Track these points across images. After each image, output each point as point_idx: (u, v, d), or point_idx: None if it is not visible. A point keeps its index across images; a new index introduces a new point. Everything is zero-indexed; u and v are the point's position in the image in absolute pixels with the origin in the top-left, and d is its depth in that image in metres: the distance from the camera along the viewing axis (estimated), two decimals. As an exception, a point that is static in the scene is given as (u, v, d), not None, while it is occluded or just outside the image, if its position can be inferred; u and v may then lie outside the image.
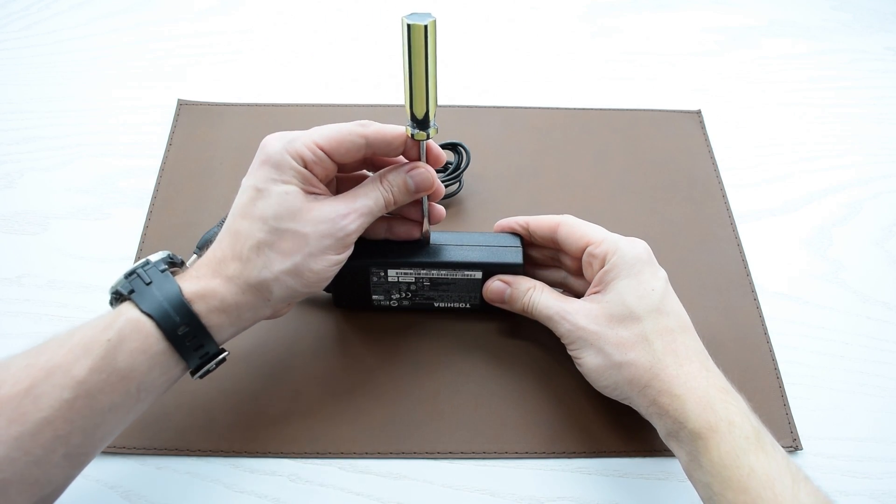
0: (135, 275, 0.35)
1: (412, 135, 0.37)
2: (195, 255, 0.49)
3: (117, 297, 0.36)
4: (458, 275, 0.44)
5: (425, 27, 0.32)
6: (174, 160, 0.56)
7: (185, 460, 0.42)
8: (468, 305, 0.47)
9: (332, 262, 0.38)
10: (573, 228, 0.43)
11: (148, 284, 0.35)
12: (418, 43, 0.32)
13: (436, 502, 0.41)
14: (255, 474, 0.41)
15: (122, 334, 0.33)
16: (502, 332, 0.47)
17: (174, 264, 0.38)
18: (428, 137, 0.37)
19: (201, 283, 0.36)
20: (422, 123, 0.36)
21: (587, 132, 0.59)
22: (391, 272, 0.44)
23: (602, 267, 0.41)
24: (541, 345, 0.46)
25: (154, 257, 0.37)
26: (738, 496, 0.33)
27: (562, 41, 0.68)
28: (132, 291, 0.35)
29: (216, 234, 0.49)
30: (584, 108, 0.61)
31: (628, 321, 0.39)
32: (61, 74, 0.63)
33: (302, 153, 0.36)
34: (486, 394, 0.45)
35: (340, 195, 0.38)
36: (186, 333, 0.35)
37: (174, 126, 0.58)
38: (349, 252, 0.39)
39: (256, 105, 0.60)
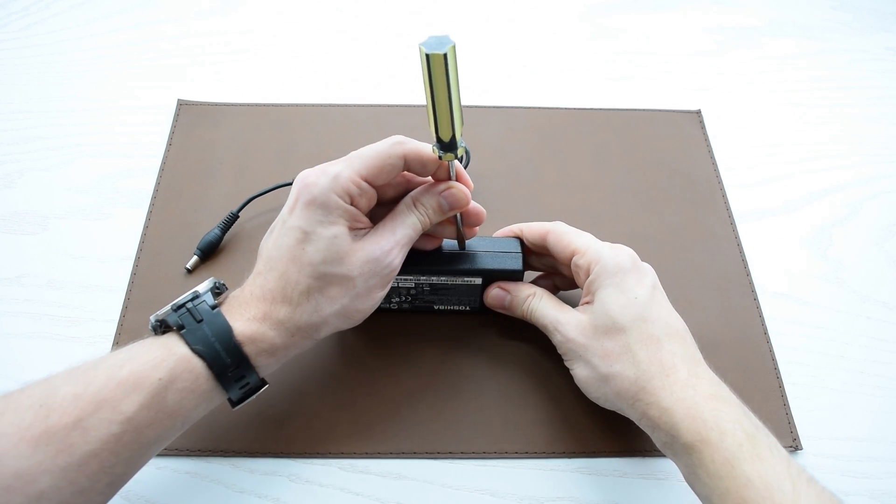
0: (184, 309, 0.35)
1: (440, 157, 0.35)
2: (196, 257, 0.49)
3: (161, 326, 0.36)
4: (458, 280, 0.44)
5: (444, 56, 0.30)
6: (174, 160, 0.56)
7: (185, 460, 0.42)
8: (468, 308, 0.47)
9: (377, 298, 0.39)
10: (560, 236, 0.42)
11: (199, 322, 0.35)
12: (438, 71, 0.31)
13: (436, 502, 0.41)
14: (255, 474, 0.41)
15: (173, 374, 0.34)
16: (502, 333, 0.47)
17: (220, 292, 0.38)
18: (456, 157, 0.36)
19: (252, 326, 0.36)
20: (448, 145, 0.35)
21: (587, 132, 0.59)
22: None
23: (588, 276, 0.41)
24: (541, 345, 0.46)
25: (202, 288, 0.37)
26: None
27: (561, 41, 0.68)
28: (182, 327, 0.35)
29: (217, 235, 0.50)
30: (583, 108, 0.61)
31: (613, 332, 0.39)
32: (61, 74, 0.63)
33: (348, 190, 0.36)
34: (485, 394, 0.45)
35: (380, 227, 0.38)
36: (234, 372, 0.35)
37: (174, 126, 0.58)
38: (391, 283, 0.39)
39: (256, 105, 0.60)
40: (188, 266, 0.49)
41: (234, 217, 0.51)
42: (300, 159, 0.56)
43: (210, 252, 0.50)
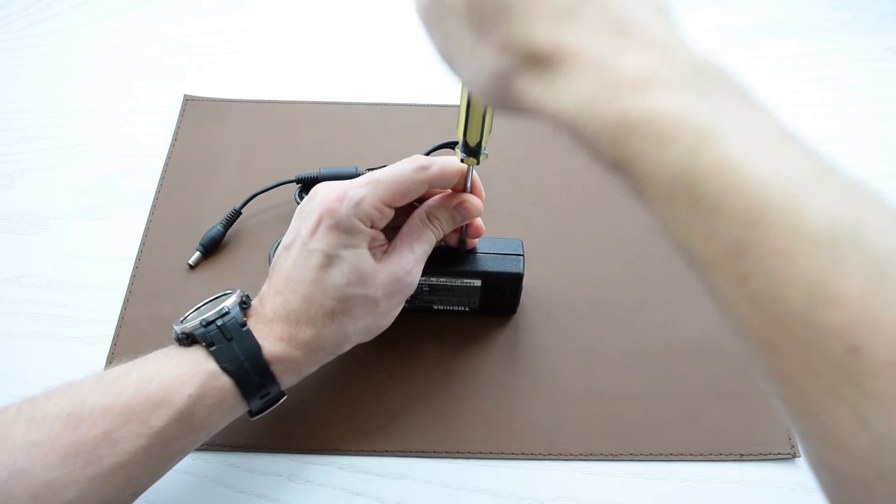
0: (214, 326, 0.36)
1: (462, 159, 0.36)
2: (198, 253, 0.49)
3: (188, 339, 0.36)
4: (458, 282, 0.44)
5: None
6: (178, 155, 0.56)
7: (185, 460, 0.42)
8: (467, 308, 0.47)
9: (396, 313, 0.40)
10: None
11: (229, 340, 0.35)
12: None
13: (436, 502, 0.41)
14: (254, 474, 0.41)
15: (202, 390, 0.34)
16: (502, 333, 0.47)
17: (247, 307, 0.38)
18: (478, 163, 0.36)
19: (280, 346, 0.36)
20: (473, 150, 0.35)
21: (587, 132, 0.59)
22: None
23: None
24: (540, 345, 0.46)
25: (230, 303, 0.37)
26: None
27: (562, 41, 0.68)
28: (212, 344, 0.35)
29: (219, 231, 0.50)
30: (584, 108, 0.61)
31: None
32: (62, 74, 0.63)
33: (371, 215, 0.36)
34: (485, 394, 0.45)
35: (398, 244, 0.39)
36: (261, 390, 0.36)
37: (179, 121, 0.58)
38: None
39: (261, 102, 0.60)
40: (190, 262, 0.49)
41: (236, 213, 0.51)
42: (303, 157, 0.56)
43: (212, 248, 0.50)
